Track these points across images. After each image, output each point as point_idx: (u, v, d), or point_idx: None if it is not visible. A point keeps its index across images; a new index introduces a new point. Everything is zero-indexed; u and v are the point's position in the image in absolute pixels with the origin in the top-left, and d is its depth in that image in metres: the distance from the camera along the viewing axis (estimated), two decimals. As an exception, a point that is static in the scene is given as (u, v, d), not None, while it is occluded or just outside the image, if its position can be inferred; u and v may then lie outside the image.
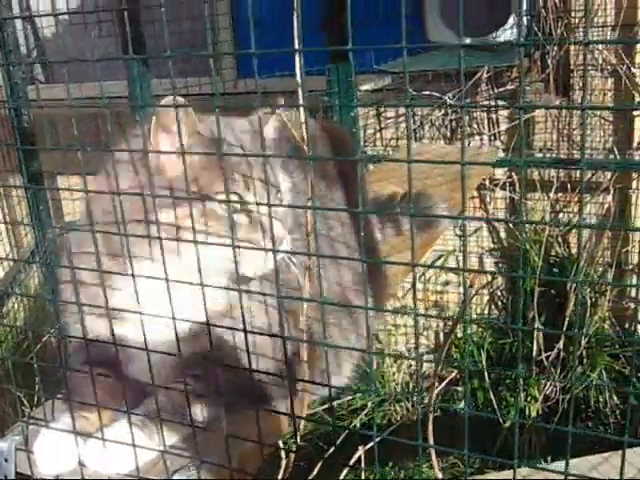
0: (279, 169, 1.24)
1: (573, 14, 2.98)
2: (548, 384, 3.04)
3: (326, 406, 1.66)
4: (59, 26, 3.69)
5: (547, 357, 3.01)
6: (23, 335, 2.88)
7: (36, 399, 1.34)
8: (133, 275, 1.05)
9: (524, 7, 3.09)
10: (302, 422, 1.29)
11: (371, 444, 0.93)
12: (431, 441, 1.06)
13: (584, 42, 0.64)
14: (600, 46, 2.97)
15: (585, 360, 3.04)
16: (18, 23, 3.57)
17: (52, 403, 1.23)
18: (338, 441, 1.26)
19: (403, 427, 3.05)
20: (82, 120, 1.09)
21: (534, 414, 3.07)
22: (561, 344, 2.98)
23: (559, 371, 3.03)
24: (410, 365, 3.49)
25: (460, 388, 3.28)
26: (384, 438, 0.96)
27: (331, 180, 1.60)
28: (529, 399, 3.08)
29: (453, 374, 2.84)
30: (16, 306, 2.93)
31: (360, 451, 1.26)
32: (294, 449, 1.38)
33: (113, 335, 1.12)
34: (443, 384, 2.27)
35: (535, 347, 3.02)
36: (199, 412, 1.17)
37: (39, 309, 3.11)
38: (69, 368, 1.26)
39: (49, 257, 2.68)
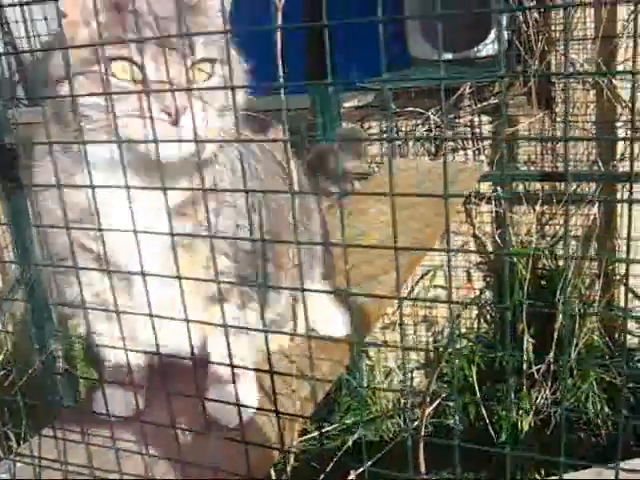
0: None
1: (553, 27, 3.00)
2: (539, 397, 3.04)
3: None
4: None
5: (538, 370, 3.01)
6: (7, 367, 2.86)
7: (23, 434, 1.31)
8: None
9: (504, 22, 3.11)
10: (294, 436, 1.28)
11: (362, 469, 0.92)
12: (423, 467, 1.06)
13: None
14: (581, 58, 2.99)
15: (575, 372, 3.04)
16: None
17: (39, 439, 1.21)
18: (328, 468, 1.25)
19: (396, 445, 3.03)
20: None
21: (526, 427, 3.06)
22: (551, 356, 2.97)
23: (550, 384, 3.03)
24: (401, 381, 3.49)
25: (452, 403, 3.27)
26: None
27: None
28: (521, 412, 3.08)
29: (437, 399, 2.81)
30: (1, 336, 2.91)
31: (352, 475, 1.25)
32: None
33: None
34: (434, 405, 2.25)
35: (525, 360, 3.03)
36: None
37: (23, 339, 3.10)
38: (52, 404, 1.24)
39: (32, 286, 2.67)
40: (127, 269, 1.12)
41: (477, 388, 3.15)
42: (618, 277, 3.12)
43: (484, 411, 3.10)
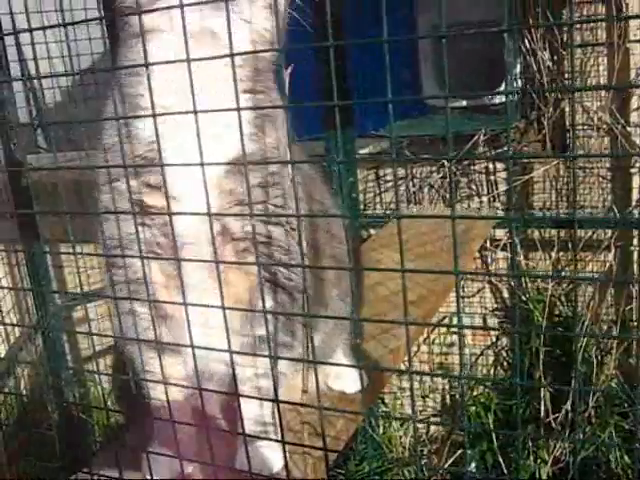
0: None
1: (567, 75, 3.02)
2: (557, 446, 3.00)
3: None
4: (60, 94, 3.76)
5: (555, 418, 2.98)
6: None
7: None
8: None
9: (518, 70, 3.14)
10: None
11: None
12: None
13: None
14: (595, 106, 3.01)
15: (594, 420, 3.01)
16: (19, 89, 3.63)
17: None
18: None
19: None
20: (82, 187, 1.12)
21: (544, 477, 3.02)
22: (569, 405, 2.94)
23: (568, 432, 2.99)
24: (417, 428, 3.46)
25: (469, 451, 3.24)
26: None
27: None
28: (539, 461, 3.04)
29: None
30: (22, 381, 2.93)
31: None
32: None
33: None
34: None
35: (543, 408, 3.00)
36: None
37: (41, 384, 3.11)
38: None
39: (51, 331, 2.69)
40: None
41: (494, 436, 3.11)
42: (636, 323, 3.09)
43: (501, 459, 3.07)
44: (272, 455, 1.24)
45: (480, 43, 3.18)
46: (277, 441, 1.18)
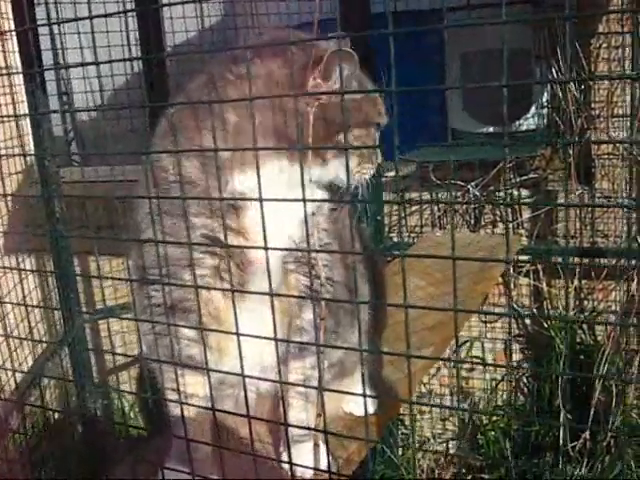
0: None
1: (593, 105, 3.04)
2: (575, 474, 2.99)
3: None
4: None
5: (573, 447, 2.97)
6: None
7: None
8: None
9: (545, 98, 3.17)
10: None
11: None
12: None
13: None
14: (620, 135, 3.03)
15: (613, 449, 3.00)
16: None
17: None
18: None
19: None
20: (111, 201, 1.17)
21: (563, 506, 3.02)
22: (587, 434, 2.94)
23: (586, 461, 2.98)
24: (435, 451, 3.47)
25: (487, 476, 3.24)
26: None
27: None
28: (557, 489, 3.04)
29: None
30: (48, 391, 2.98)
31: None
32: None
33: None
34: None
35: (562, 436, 2.99)
36: None
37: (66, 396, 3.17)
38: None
39: (77, 344, 2.74)
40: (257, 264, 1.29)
41: (512, 462, 3.11)
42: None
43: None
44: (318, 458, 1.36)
45: (508, 71, 3.20)
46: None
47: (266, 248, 1.03)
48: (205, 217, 1.25)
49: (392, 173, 3.29)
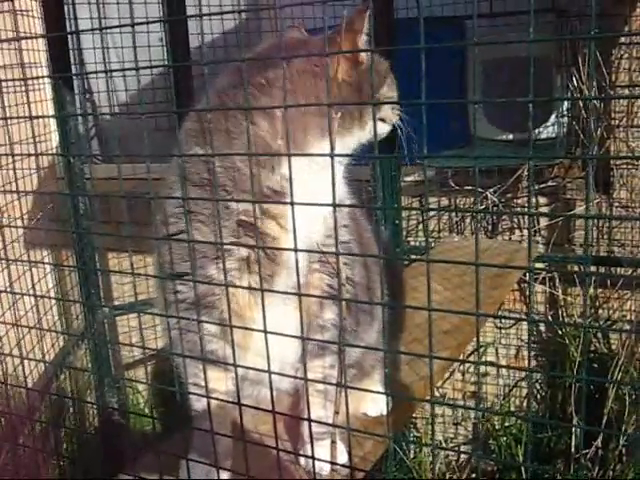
0: None
1: (613, 114, 3.05)
2: (586, 481, 3.01)
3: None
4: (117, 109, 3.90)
5: (585, 454, 2.99)
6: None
7: None
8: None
9: (565, 107, 3.18)
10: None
11: None
12: None
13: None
14: (640, 145, 3.04)
15: (624, 458, 3.01)
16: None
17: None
18: None
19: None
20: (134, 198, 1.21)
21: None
22: (599, 441, 2.95)
23: (597, 469, 3.00)
24: (447, 455, 3.49)
25: (498, 481, 3.26)
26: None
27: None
28: (567, 496, 3.05)
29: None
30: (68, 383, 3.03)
31: None
32: None
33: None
34: None
35: (573, 443, 3.01)
36: None
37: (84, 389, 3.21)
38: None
39: (98, 339, 2.78)
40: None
41: (523, 468, 3.13)
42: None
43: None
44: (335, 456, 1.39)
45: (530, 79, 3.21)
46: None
47: (294, 252, 1.06)
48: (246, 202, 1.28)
49: (411, 178, 3.33)
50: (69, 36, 2.95)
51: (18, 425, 2.02)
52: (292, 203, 1.00)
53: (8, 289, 1.53)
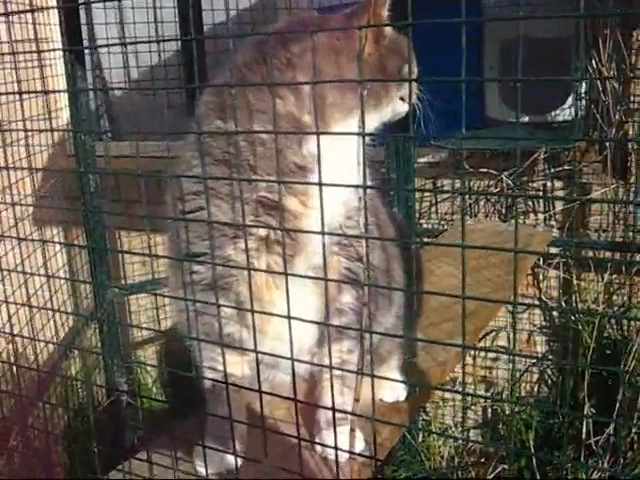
0: None
1: (632, 98, 3.00)
2: (596, 470, 2.98)
3: None
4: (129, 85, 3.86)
5: (596, 442, 2.96)
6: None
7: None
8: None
9: (583, 89, 3.12)
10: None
11: None
12: None
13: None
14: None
15: (636, 445, 2.99)
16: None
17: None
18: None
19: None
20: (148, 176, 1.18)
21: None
22: (611, 429, 2.93)
23: (609, 456, 2.97)
24: (456, 439, 3.47)
25: (507, 466, 3.24)
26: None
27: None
28: (577, 482, 3.03)
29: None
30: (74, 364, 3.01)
31: None
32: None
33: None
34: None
35: (584, 430, 2.98)
36: None
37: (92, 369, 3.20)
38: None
39: (107, 319, 2.76)
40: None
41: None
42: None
43: (539, 477, 3.06)
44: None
45: (547, 60, 3.16)
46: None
47: (320, 234, 1.03)
48: (270, 177, 1.25)
49: (424, 159, 3.29)
50: (81, 10, 2.90)
51: (28, 406, 1.99)
52: (320, 184, 0.96)
53: (19, 268, 1.51)
